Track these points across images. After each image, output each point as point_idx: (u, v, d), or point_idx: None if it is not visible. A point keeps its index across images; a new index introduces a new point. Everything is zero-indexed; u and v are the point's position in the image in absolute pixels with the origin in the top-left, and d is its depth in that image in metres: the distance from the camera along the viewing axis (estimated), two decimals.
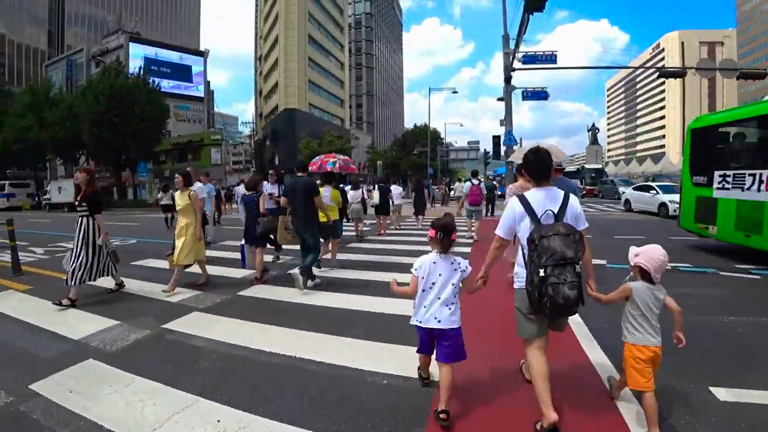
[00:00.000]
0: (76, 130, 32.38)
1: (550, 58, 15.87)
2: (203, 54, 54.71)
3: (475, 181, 10.18)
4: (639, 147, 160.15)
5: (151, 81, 34.03)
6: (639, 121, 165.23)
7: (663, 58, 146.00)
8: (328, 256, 7.20)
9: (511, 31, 15.65)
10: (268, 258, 7.31)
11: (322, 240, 6.59)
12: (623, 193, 20.27)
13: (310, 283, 5.62)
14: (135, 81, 32.52)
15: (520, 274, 2.45)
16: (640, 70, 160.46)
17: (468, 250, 8.68)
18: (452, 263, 2.53)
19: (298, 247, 6.14)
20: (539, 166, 2.50)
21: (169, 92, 49.65)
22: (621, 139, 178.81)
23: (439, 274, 2.51)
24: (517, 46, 13.73)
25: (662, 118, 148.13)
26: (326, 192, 6.67)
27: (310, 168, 8.59)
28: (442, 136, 61.19)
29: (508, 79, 15.65)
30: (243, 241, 6.54)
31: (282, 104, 49.07)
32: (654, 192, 17.13)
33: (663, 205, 15.97)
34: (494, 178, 27.08)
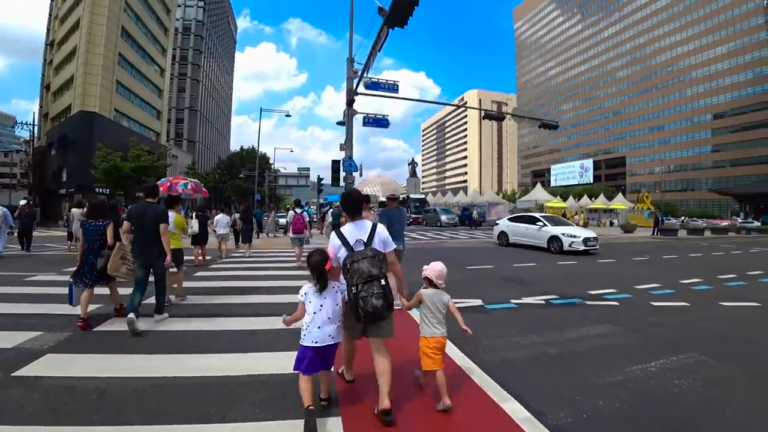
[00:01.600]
0: None
1: (392, 87, 16.01)
2: None
3: (299, 210, 11.23)
4: (447, 180, 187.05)
5: None
6: (447, 159, 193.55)
7: (466, 109, 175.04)
8: (175, 285, 6.53)
9: (357, 56, 15.31)
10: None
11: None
12: (497, 224, 18.54)
13: (158, 317, 5.24)
14: None
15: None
16: (450, 116, 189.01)
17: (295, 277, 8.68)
18: (333, 287, 2.98)
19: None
20: (352, 205, 3.25)
21: None
22: (433, 173, 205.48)
23: (325, 298, 2.93)
24: (366, 66, 13.25)
25: (465, 157, 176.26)
26: (170, 217, 5.76)
27: (161, 189, 7.82)
28: (271, 161, 59.13)
29: (350, 103, 15.12)
30: (70, 278, 5.27)
31: (77, 105, 39.46)
32: (541, 224, 15.70)
33: (554, 238, 14.78)
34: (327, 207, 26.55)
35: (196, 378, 3.54)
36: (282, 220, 23.10)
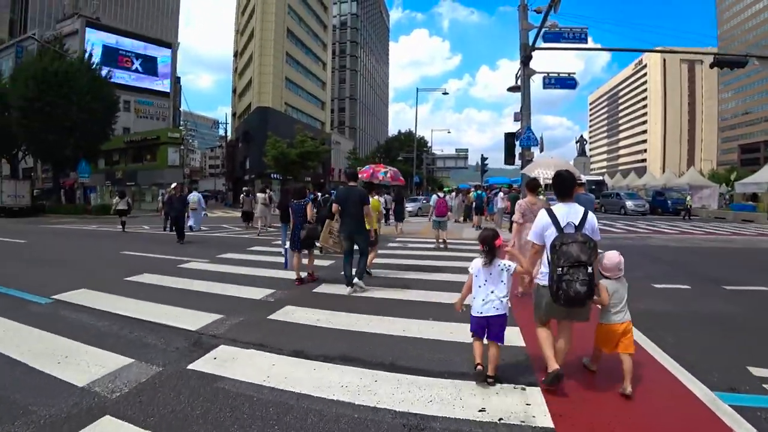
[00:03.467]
0: (8, 121, 27.62)
1: (579, 37, 12.33)
2: (171, 45, 50.01)
3: (441, 194, 11.45)
4: (621, 160, 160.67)
5: (95, 66, 29.31)
6: (621, 135, 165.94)
7: (645, 74, 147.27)
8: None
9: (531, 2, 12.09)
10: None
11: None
12: None
13: (358, 282, 5.91)
14: (76, 65, 27.81)
15: (544, 273, 3.12)
16: (624, 85, 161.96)
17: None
18: (499, 265, 3.22)
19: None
20: (564, 186, 3.26)
21: (129, 85, 45.02)
22: (603, 152, 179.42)
23: (490, 273, 3.21)
24: (549, 8, 10.09)
25: (644, 132, 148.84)
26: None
27: (362, 176, 8.90)
28: (429, 144, 57.86)
29: (526, 61, 12.03)
30: (288, 245, 6.83)
31: (255, 102, 44.59)
32: None
33: None
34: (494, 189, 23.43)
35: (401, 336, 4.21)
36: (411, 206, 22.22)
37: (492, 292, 3.14)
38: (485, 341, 3.23)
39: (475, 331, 3.23)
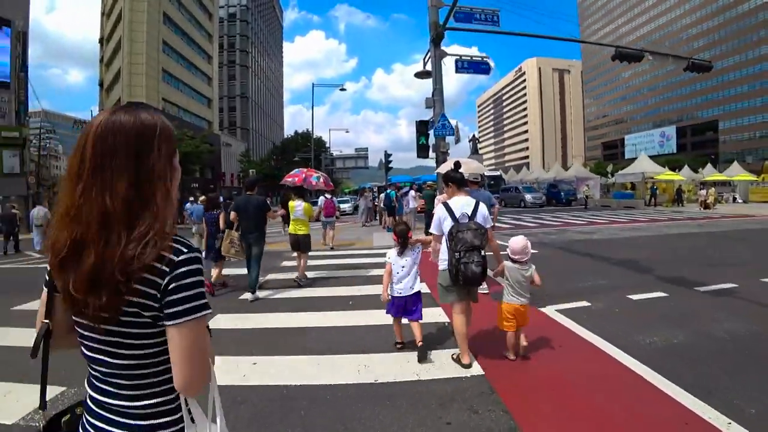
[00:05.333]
0: None
1: (491, 19, 11.34)
2: (9, 24, 40.60)
3: (328, 196, 11.41)
4: (507, 157, 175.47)
5: None
6: (506, 135, 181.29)
7: (525, 80, 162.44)
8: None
9: None
10: None
11: (294, 253, 7.37)
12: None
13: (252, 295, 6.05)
14: None
15: (443, 259, 3.54)
16: (507, 89, 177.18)
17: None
18: (412, 249, 3.78)
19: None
20: (460, 179, 3.81)
21: None
22: (491, 150, 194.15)
23: (405, 259, 3.73)
24: None
25: (526, 132, 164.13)
26: (299, 206, 7.08)
27: (293, 180, 8.86)
28: (327, 145, 55.67)
29: (437, 41, 10.65)
30: (203, 255, 6.55)
31: (125, 97, 38.06)
32: None
33: None
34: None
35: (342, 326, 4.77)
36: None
37: (408, 275, 3.71)
38: (405, 320, 3.82)
39: (395, 312, 3.77)
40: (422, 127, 11.10)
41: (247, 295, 6.00)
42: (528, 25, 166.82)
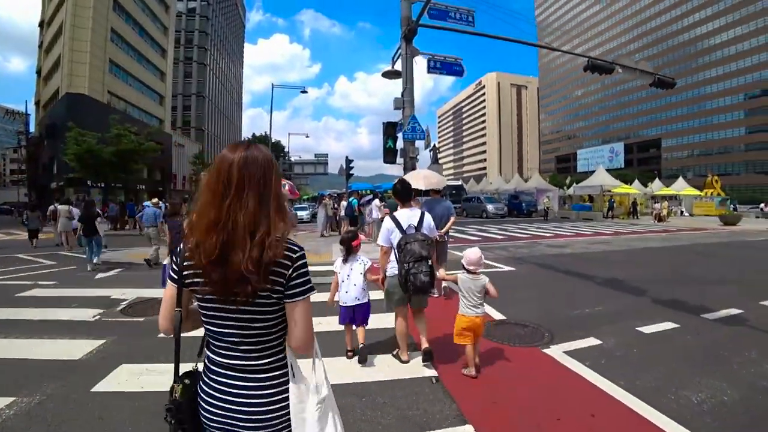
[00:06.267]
0: None
1: (466, 19, 10.68)
2: None
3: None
4: (465, 168, 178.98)
5: None
6: (465, 146, 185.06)
7: (484, 94, 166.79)
8: None
9: None
10: None
11: None
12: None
13: None
14: None
15: (393, 266, 3.66)
16: (467, 101, 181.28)
17: None
18: (356, 258, 3.86)
19: None
20: (405, 193, 3.87)
21: None
22: (450, 160, 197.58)
23: (351, 269, 3.80)
24: None
25: (483, 144, 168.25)
26: None
27: None
28: (286, 149, 53.85)
29: (408, 36, 9.82)
30: (167, 261, 6.14)
31: (65, 87, 34.66)
32: None
33: None
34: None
35: None
36: None
37: (354, 285, 3.79)
38: (354, 327, 3.93)
39: (343, 320, 3.87)
40: (390, 130, 10.13)
41: None
42: (488, 38, 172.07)
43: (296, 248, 1.24)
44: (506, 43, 13.35)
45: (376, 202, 14.53)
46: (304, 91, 32.48)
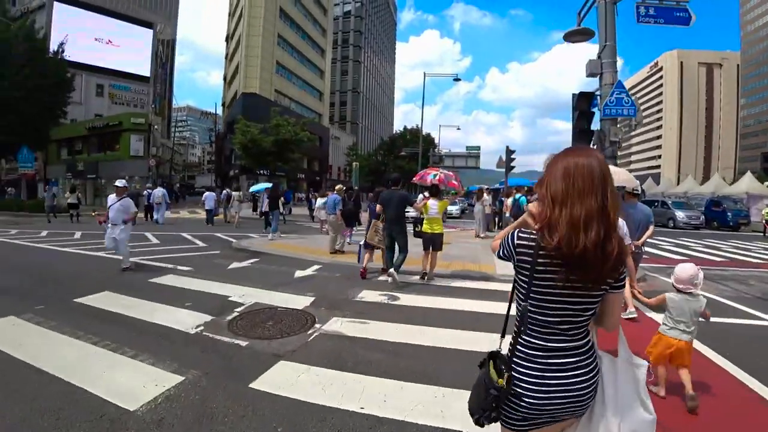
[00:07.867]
0: None
1: None
2: (151, 25, 45.12)
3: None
4: (632, 166, 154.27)
5: (38, 33, 24.54)
6: (633, 140, 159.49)
7: (661, 77, 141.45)
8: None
9: None
10: None
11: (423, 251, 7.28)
12: None
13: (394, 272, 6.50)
14: (13, 31, 23.06)
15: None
16: (639, 87, 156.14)
17: None
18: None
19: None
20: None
21: (101, 67, 40.34)
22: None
23: None
24: None
25: (659, 138, 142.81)
26: (434, 204, 7.05)
27: (415, 179, 9.05)
28: (436, 142, 52.71)
29: None
30: (362, 242, 7.34)
31: (241, 88, 39.70)
32: None
33: None
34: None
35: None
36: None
37: None
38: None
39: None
40: (583, 103, 7.34)
41: (389, 276, 6.55)
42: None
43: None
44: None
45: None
46: (457, 79, 30.81)
